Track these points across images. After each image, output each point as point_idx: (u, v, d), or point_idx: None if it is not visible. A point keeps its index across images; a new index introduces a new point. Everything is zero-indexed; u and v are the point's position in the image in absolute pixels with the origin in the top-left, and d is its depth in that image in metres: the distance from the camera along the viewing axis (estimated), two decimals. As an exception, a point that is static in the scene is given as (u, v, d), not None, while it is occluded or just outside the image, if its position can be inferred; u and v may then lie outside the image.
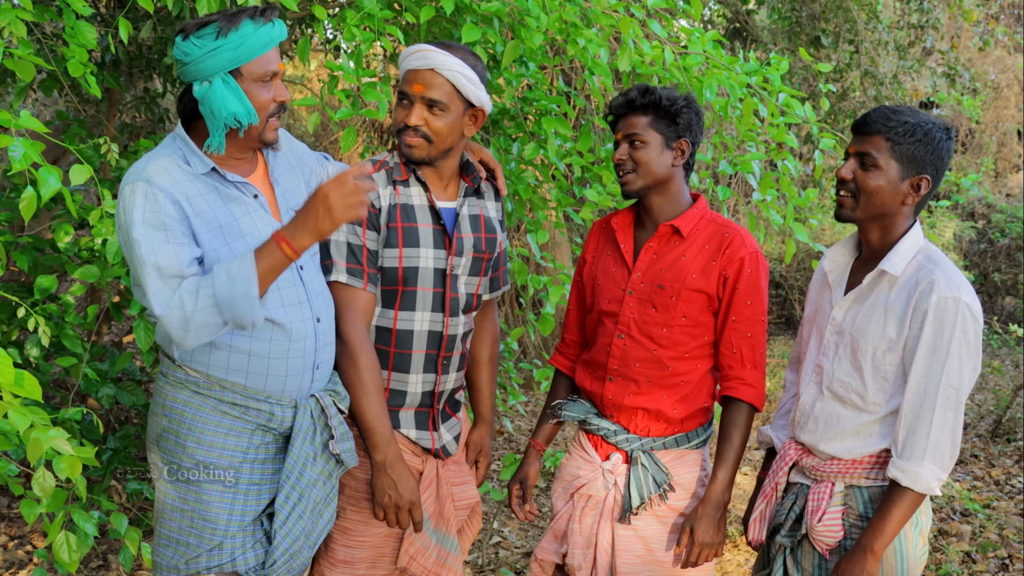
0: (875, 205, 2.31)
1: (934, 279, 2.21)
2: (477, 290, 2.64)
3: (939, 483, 2.21)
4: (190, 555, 2.28)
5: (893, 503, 2.22)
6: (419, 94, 2.43)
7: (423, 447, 2.60)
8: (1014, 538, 4.80)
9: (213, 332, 2.16)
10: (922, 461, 2.19)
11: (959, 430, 2.23)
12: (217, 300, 2.10)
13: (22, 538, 4.34)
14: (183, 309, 2.10)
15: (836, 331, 2.40)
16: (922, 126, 2.27)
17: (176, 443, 2.28)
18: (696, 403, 2.59)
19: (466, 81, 2.44)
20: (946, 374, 2.19)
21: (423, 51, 2.43)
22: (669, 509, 2.58)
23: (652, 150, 2.52)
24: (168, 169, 2.21)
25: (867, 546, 2.23)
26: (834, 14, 7.84)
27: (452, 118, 2.46)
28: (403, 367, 2.54)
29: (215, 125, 2.21)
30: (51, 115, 6.92)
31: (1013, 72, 12.99)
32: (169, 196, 2.16)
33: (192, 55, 2.18)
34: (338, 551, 2.57)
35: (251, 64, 2.21)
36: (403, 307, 2.51)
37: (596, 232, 2.77)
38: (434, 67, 2.42)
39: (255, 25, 2.20)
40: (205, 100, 2.19)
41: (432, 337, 2.55)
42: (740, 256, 2.52)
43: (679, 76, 3.47)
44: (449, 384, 2.62)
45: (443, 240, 2.53)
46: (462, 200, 2.59)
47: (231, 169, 2.32)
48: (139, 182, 2.16)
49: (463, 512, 2.69)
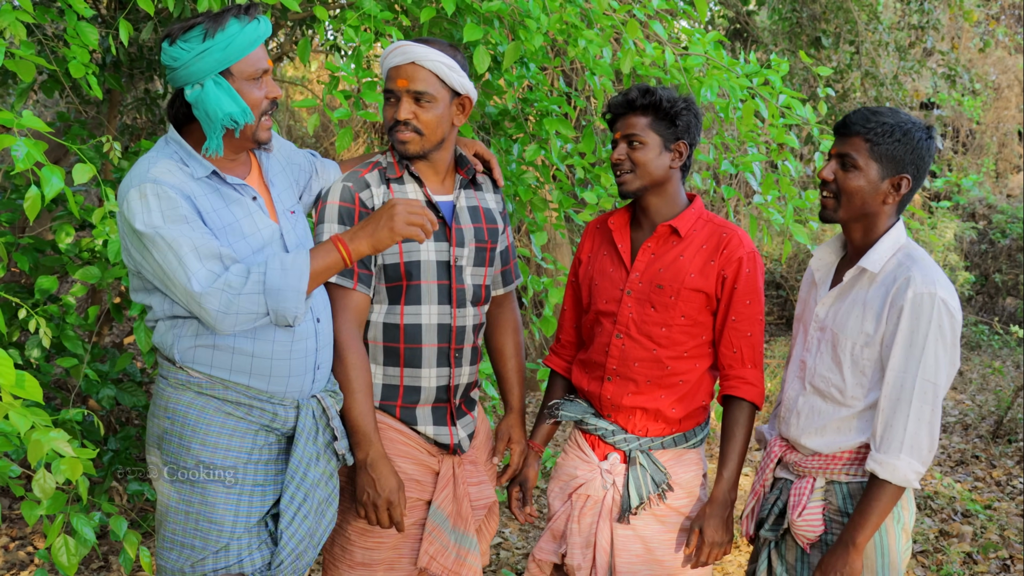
0: (856, 205, 2.35)
1: (911, 275, 2.25)
2: (484, 281, 2.65)
3: (917, 476, 2.24)
4: (196, 557, 2.27)
5: (873, 497, 2.26)
6: (404, 88, 2.46)
7: (441, 443, 2.60)
8: (1015, 539, 4.80)
9: (251, 321, 2.17)
10: (899, 454, 2.23)
11: (937, 424, 2.26)
12: (267, 287, 2.12)
13: (23, 539, 4.34)
14: (230, 290, 2.11)
15: (819, 327, 2.43)
16: (901, 126, 2.30)
17: (180, 445, 2.28)
18: (694, 402, 2.59)
19: (448, 70, 2.46)
20: (922, 368, 2.23)
21: (401, 47, 2.47)
22: (668, 509, 2.58)
23: (650, 151, 2.52)
24: (171, 171, 2.21)
25: (849, 540, 2.27)
26: (835, 15, 7.84)
27: (440, 109, 2.48)
28: (415, 362, 2.55)
29: (212, 127, 2.20)
30: (52, 116, 6.91)
31: (1014, 73, 12.98)
32: (180, 193, 2.17)
33: (181, 59, 2.17)
34: (356, 553, 2.57)
35: (241, 63, 2.21)
36: (409, 302, 2.53)
37: (591, 232, 2.77)
38: (415, 60, 2.45)
39: (240, 24, 2.20)
40: (199, 103, 2.19)
41: (442, 330, 2.55)
42: (738, 256, 2.53)
43: (680, 77, 3.47)
44: (464, 378, 2.63)
45: (443, 233, 2.55)
46: (458, 192, 2.61)
47: (229, 172, 2.32)
48: (146, 183, 2.15)
49: (480, 512, 2.69)
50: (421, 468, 2.60)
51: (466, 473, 2.65)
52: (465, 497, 2.63)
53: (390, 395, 2.57)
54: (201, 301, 2.11)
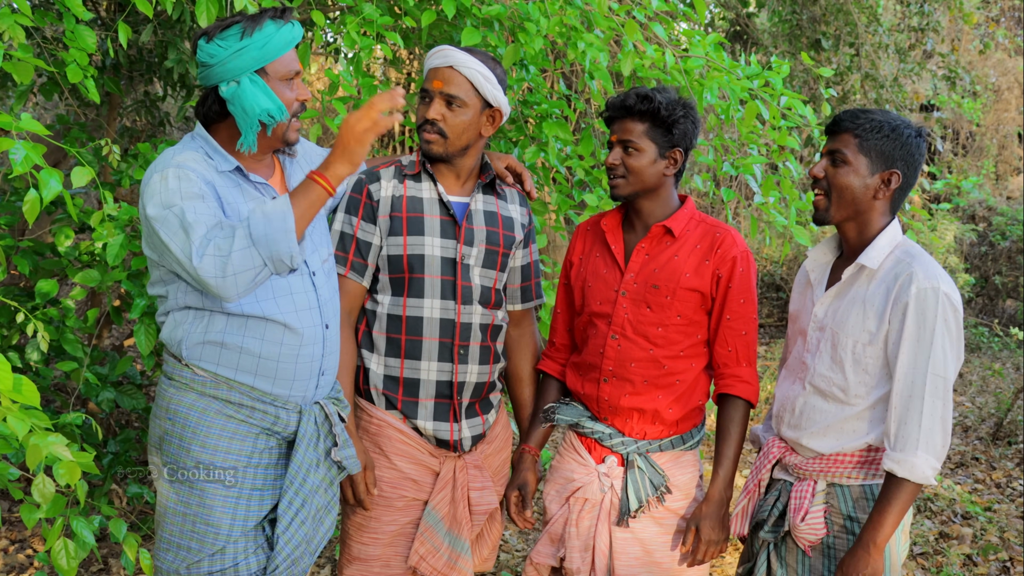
0: (846, 201, 2.36)
1: (912, 271, 2.26)
2: (495, 284, 2.67)
3: (934, 472, 2.24)
4: (191, 559, 2.28)
5: (892, 495, 2.24)
6: (438, 90, 2.52)
7: (441, 440, 2.60)
8: (1015, 541, 4.80)
9: (252, 277, 2.13)
10: (916, 451, 2.22)
11: (949, 418, 2.26)
12: (254, 238, 2.10)
13: (23, 542, 4.34)
14: (219, 252, 2.10)
15: (818, 327, 2.43)
16: (890, 123, 2.34)
17: (180, 446, 2.28)
18: (691, 402, 2.59)
19: (483, 80, 2.52)
20: (932, 364, 2.23)
21: (444, 50, 2.53)
22: (666, 511, 2.58)
23: (645, 158, 2.52)
24: (196, 159, 2.24)
25: (869, 541, 2.25)
26: (835, 17, 7.84)
27: (469, 115, 2.53)
28: (415, 354, 2.58)
29: (248, 123, 2.23)
30: (51, 119, 6.91)
31: (1014, 75, 12.98)
32: (201, 177, 2.19)
33: (218, 56, 2.21)
34: (353, 547, 2.62)
35: (275, 63, 2.26)
36: (412, 295, 2.57)
37: (582, 234, 2.77)
38: (453, 64, 2.51)
39: (277, 25, 2.25)
40: (236, 99, 2.22)
41: (444, 325, 2.57)
42: (732, 255, 2.55)
43: (680, 79, 3.47)
44: (470, 377, 2.63)
45: (452, 230, 2.59)
46: (475, 196, 2.65)
47: (252, 171, 2.35)
48: (169, 168, 2.18)
49: (480, 517, 2.68)
50: (419, 468, 2.61)
51: (468, 477, 2.65)
52: (463, 500, 2.63)
53: (391, 387, 2.60)
54: (199, 272, 2.10)
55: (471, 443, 2.66)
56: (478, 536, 2.75)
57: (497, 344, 2.71)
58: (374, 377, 2.61)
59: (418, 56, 5.51)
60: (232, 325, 2.27)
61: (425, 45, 3.96)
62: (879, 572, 2.26)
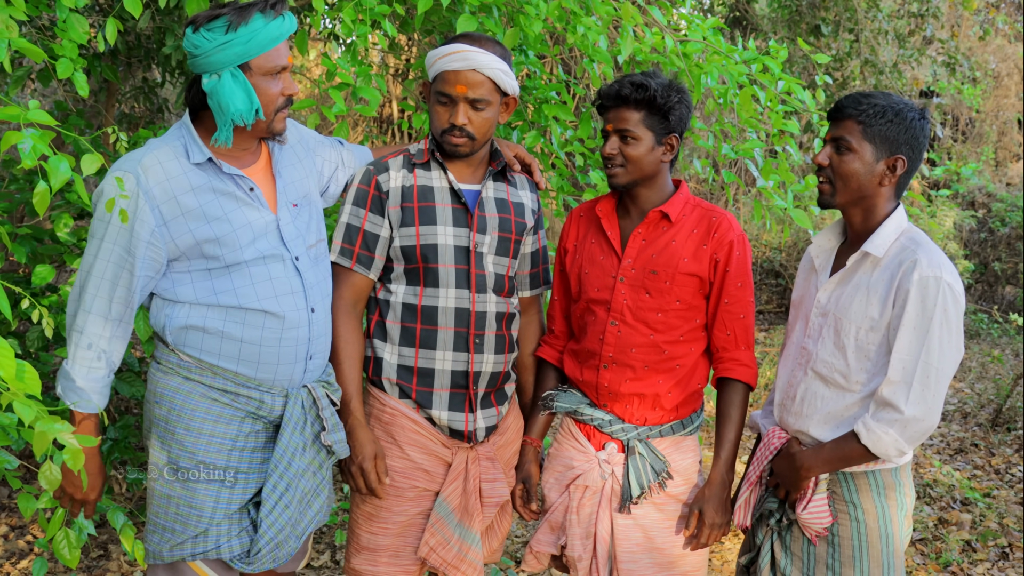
0: (852, 188, 2.35)
1: (916, 258, 2.25)
2: (508, 271, 2.66)
3: (898, 455, 2.25)
4: (175, 541, 2.29)
5: (844, 449, 2.30)
6: (463, 95, 2.47)
7: (456, 430, 2.59)
8: (1014, 527, 4.81)
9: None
10: (889, 429, 2.23)
11: (936, 408, 2.25)
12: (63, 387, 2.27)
13: (23, 528, 4.34)
14: (64, 377, 2.26)
15: (821, 313, 2.43)
16: (893, 107, 2.31)
17: (166, 430, 2.30)
18: (690, 387, 2.59)
19: (504, 76, 2.50)
20: (926, 352, 2.22)
21: (462, 52, 2.46)
22: (667, 496, 2.58)
23: (643, 147, 2.51)
24: (163, 162, 2.22)
25: (794, 451, 2.39)
26: (834, 3, 7.82)
27: (493, 112, 2.53)
28: (430, 344, 2.56)
29: (223, 120, 2.22)
30: (49, 105, 6.90)
31: (1013, 61, 12.95)
32: (151, 201, 2.19)
33: (202, 48, 2.18)
34: (362, 537, 2.61)
35: (260, 59, 2.23)
36: (427, 284, 2.55)
37: (575, 220, 2.75)
38: (476, 67, 2.46)
39: (265, 19, 2.21)
40: (214, 94, 2.20)
41: (460, 314, 2.56)
42: (729, 239, 2.55)
43: (679, 63, 3.46)
44: (486, 366, 2.61)
45: (464, 219, 2.57)
46: (486, 183, 2.63)
47: (231, 161, 2.32)
48: (129, 174, 2.19)
49: (491, 510, 2.67)
50: (432, 458, 2.60)
51: (481, 469, 2.64)
52: (474, 492, 2.62)
53: (405, 376, 2.58)
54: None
55: (484, 434, 2.64)
56: (488, 528, 2.74)
57: (512, 332, 2.70)
58: (387, 367, 2.59)
59: (416, 42, 5.49)
60: (212, 311, 2.27)
61: (422, 31, 3.94)
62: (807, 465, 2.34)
